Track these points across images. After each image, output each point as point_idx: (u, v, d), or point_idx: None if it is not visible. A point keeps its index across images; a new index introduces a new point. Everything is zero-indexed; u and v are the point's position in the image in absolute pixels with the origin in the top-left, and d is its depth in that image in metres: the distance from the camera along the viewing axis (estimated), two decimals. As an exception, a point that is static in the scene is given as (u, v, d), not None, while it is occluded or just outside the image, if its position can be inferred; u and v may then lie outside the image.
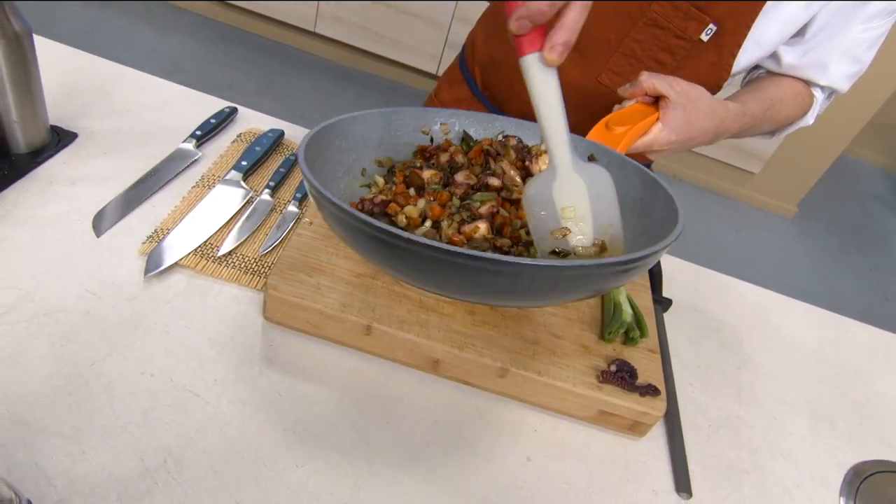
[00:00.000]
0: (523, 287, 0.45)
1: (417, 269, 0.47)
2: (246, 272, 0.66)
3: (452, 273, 0.45)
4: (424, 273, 0.48)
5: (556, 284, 0.45)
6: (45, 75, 0.83)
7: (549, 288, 0.46)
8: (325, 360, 0.62)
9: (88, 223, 0.66)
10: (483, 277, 0.44)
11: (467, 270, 0.43)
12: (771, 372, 0.80)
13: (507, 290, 0.46)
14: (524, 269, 0.42)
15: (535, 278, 0.44)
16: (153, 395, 0.54)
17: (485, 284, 0.46)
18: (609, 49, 0.75)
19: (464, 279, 0.46)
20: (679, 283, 0.88)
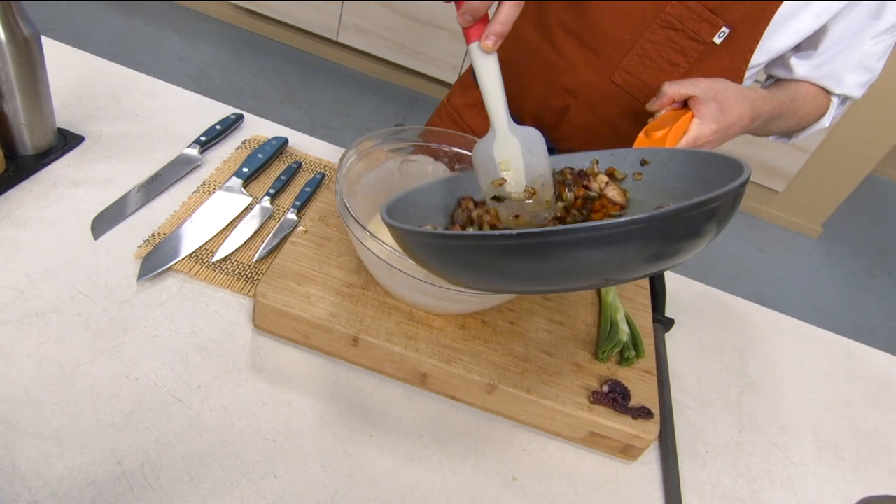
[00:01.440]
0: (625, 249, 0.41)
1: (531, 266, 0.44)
2: (239, 279, 0.67)
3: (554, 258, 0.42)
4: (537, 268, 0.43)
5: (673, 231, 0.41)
6: (58, 79, 0.85)
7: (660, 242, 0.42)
8: (312, 370, 0.61)
9: (88, 225, 0.67)
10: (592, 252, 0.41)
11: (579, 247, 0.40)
12: (775, 397, 0.78)
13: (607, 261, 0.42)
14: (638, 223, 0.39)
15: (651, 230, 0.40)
16: (136, 399, 0.54)
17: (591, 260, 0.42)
18: (623, 49, 0.75)
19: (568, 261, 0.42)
20: (683, 303, 0.86)
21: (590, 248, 0.40)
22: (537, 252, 0.40)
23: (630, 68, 0.76)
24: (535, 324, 0.67)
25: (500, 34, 0.52)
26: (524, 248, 0.40)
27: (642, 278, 0.44)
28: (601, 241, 0.39)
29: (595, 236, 0.39)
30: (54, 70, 0.86)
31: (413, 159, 0.72)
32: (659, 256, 0.42)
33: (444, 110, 0.98)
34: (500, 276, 0.45)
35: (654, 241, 0.40)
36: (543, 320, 0.68)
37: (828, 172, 2.79)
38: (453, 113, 0.96)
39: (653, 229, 0.39)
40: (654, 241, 0.40)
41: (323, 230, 0.69)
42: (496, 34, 0.52)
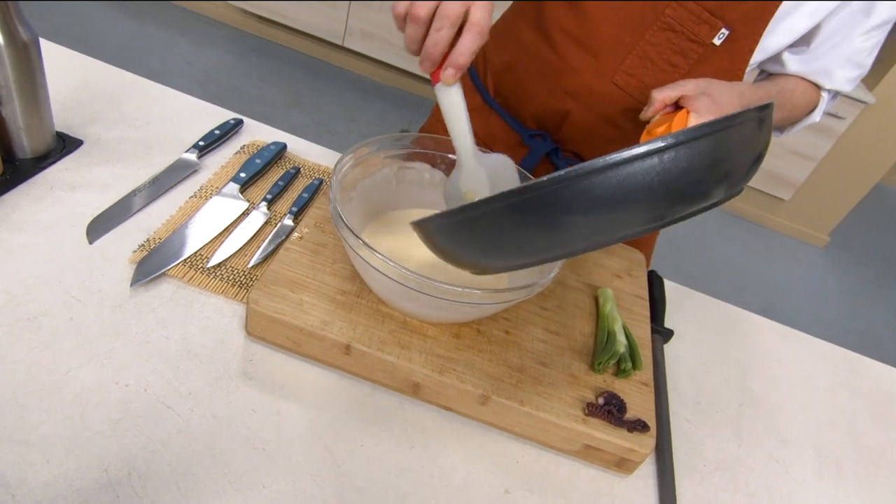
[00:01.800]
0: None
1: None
2: (233, 284, 0.66)
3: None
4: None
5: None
6: (59, 82, 0.86)
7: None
8: (304, 378, 0.61)
9: (83, 229, 0.67)
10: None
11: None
12: (776, 411, 0.76)
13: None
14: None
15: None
16: (125, 406, 0.54)
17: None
18: (623, 51, 0.76)
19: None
20: (684, 313, 0.85)
21: (628, 171, 0.39)
22: (575, 193, 0.40)
23: (631, 70, 0.76)
24: (531, 333, 0.66)
25: (459, 66, 0.53)
26: (554, 195, 0.40)
27: (674, 221, 0.42)
28: (641, 162, 0.39)
29: (638, 155, 0.39)
30: (55, 73, 0.87)
31: (410, 166, 0.72)
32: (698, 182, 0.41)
33: (439, 115, 0.98)
34: (533, 237, 0.44)
35: (693, 162, 0.39)
36: (539, 330, 0.67)
37: (835, 181, 2.77)
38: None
39: (686, 148, 0.39)
40: (693, 162, 0.39)
41: (318, 237, 0.68)
42: (455, 66, 0.53)
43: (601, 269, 0.79)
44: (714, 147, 0.40)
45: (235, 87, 2.70)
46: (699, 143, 0.39)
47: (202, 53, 2.84)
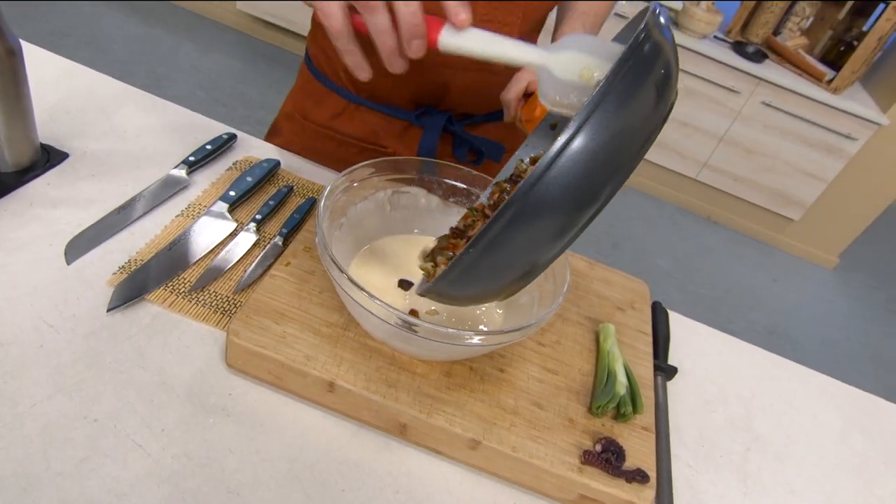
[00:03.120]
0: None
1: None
2: (216, 311, 0.63)
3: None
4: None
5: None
6: (47, 91, 0.83)
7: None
8: (285, 415, 0.57)
9: (61, 249, 0.64)
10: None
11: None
12: (784, 455, 0.73)
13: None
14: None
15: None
16: (93, 443, 0.51)
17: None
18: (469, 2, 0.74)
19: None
20: (688, 348, 0.82)
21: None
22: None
23: (487, 16, 0.76)
24: (527, 372, 0.63)
25: (463, 3, 0.48)
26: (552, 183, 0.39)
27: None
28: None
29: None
30: (44, 82, 0.84)
31: (405, 191, 0.69)
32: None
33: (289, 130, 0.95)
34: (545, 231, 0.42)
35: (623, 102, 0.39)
36: (536, 368, 0.64)
37: (846, 202, 2.72)
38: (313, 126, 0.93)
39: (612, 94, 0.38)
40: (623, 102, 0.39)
41: (306, 262, 0.65)
42: (462, 6, 0.48)
43: (603, 302, 0.75)
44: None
45: (240, 93, 2.69)
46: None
47: (208, 58, 2.83)
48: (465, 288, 0.48)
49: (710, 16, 2.54)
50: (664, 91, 0.41)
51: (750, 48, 2.57)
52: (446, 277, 0.46)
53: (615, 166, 0.41)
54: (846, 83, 2.50)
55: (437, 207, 0.70)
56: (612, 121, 0.39)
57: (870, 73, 2.66)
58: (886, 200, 2.67)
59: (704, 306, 2.48)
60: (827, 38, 2.70)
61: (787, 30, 2.70)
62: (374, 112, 0.87)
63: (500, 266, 0.45)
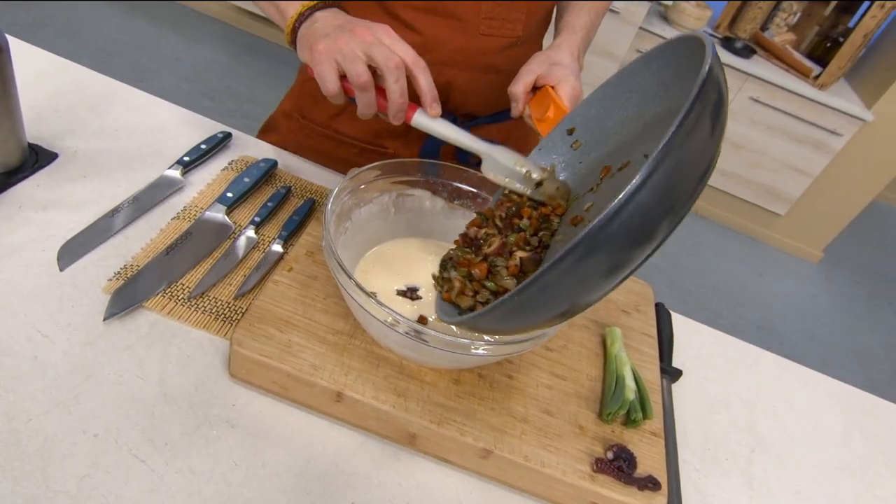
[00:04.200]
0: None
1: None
2: (216, 318, 0.61)
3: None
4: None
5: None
6: (35, 88, 0.80)
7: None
8: (292, 425, 0.56)
9: (54, 254, 0.62)
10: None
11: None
12: (787, 457, 0.73)
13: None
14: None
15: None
16: (93, 459, 0.49)
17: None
18: (477, 2, 0.76)
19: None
20: (691, 349, 0.81)
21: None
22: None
23: (490, 14, 0.76)
24: (536, 378, 0.62)
25: (435, 97, 0.59)
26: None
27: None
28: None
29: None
30: (31, 79, 0.81)
31: (410, 193, 0.67)
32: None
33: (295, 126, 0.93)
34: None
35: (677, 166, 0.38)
36: (545, 374, 0.63)
37: (831, 197, 2.75)
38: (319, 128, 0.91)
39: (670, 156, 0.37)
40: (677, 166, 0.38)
41: (309, 267, 0.63)
42: (434, 98, 0.59)
43: (608, 305, 0.75)
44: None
45: (226, 87, 2.64)
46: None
47: (193, 50, 2.77)
48: (503, 325, 0.47)
49: (700, 11, 2.54)
50: (720, 123, 0.40)
51: (738, 44, 2.58)
52: (488, 315, 0.44)
53: (675, 205, 0.39)
54: (832, 79, 2.52)
55: (442, 210, 0.69)
56: (677, 162, 0.38)
57: (854, 70, 2.68)
58: (870, 196, 2.70)
59: (693, 302, 2.49)
60: (813, 35, 2.72)
61: (775, 25, 2.72)
62: None
63: (543, 307, 0.43)
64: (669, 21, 2.61)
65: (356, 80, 0.57)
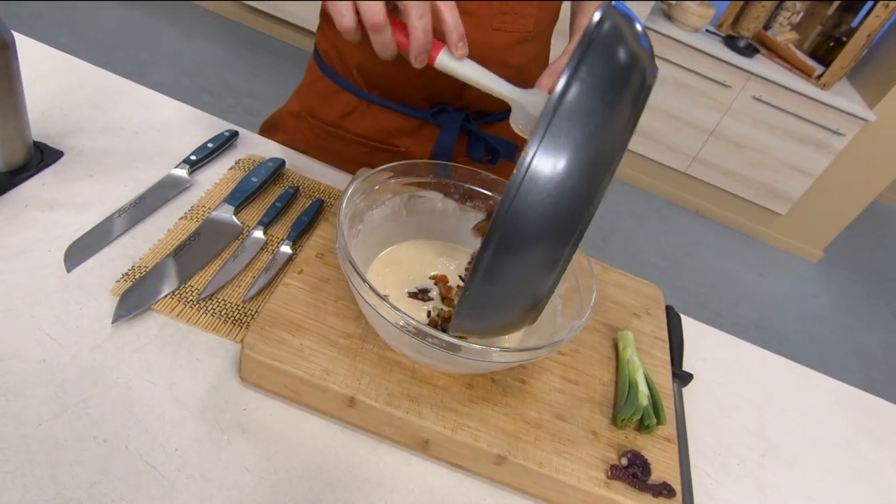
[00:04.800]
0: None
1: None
2: (226, 321, 0.61)
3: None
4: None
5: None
6: (40, 86, 0.79)
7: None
8: (304, 430, 0.55)
9: (60, 255, 0.61)
10: None
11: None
12: (798, 462, 0.72)
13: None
14: None
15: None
16: (103, 466, 0.48)
17: None
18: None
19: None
20: (700, 352, 0.81)
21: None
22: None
23: (503, 9, 0.75)
24: (549, 383, 0.61)
25: (463, 34, 0.54)
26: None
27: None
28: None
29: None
30: (36, 75, 0.80)
31: (422, 195, 0.67)
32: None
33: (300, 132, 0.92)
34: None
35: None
36: (557, 378, 0.62)
37: (832, 197, 2.76)
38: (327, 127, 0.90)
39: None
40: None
41: (319, 270, 0.63)
42: (463, 38, 0.54)
43: (619, 308, 0.74)
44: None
45: (225, 81, 2.62)
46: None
47: (192, 44, 2.75)
48: (479, 322, 0.49)
49: (703, 9, 2.54)
50: (630, 76, 0.40)
51: (741, 42, 2.57)
52: (458, 315, 0.48)
53: (594, 165, 0.40)
54: (834, 79, 2.52)
55: (454, 212, 0.68)
56: (579, 119, 0.39)
57: (857, 69, 2.68)
58: (871, 196, 2.71)
59: (693, 301, 2.49)
60: (816, 34, 2.72)
61: (778, 24, 2.71)
62: (386, 110, 0.84)
63: (501, 300, 0.46)
64: (672, 19, 2.60)
65: (369, 19, 0.52)
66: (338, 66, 0.84)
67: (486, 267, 0.43)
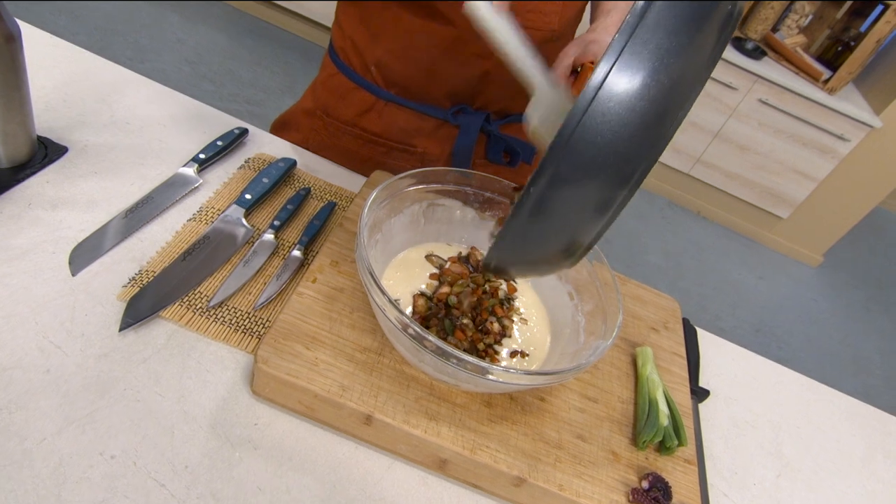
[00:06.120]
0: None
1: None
2: (237, 330, 0.58)
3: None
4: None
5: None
6: (44, 77, 0.76)
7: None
8: (317, 447, 0.53)
9: (65, 257, 0.59)
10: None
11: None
12: (814, 482, 0.71)
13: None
14: None
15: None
16: (111, 483, 0.46)
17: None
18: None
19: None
20: (714, 366, 0.79)
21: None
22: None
23: (527, 5, 0.73)
24: (568, 401, 0.60)
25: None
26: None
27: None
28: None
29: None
30: (39, 66, 0.77)
31: (440, 203, 0.64)
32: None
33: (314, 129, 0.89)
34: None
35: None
36: (576, 396, 0.61)
37: (834, 202, 2.75)
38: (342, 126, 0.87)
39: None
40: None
41: (334, 279, 0.61)
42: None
43: (637, 322, 0.73)
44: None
45: (228, 70, 2.58)
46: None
47: (194, 31, 2.70)
48: (517, 256, 0.45)
49: (711, 10, 2.51)
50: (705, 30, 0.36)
51: (749, 44, 2.55)
52: (498, 246, 0.43)
53: (671, 95, 0.35)
54: (841, 83, 2.50)
55: (473, 220, 0.66)
56: (665, 34, 0.34)
57: (863, 75, 2.66)
58: (873, 202, 2.70)
59: (693, 303, 2.48)
60: (824, 38, 2.70)
61: (786, 27, 2.69)
62: (405, 109, 0.82)
63: (542, 234, 0.41)
64: (680, 18, 2.57)
65: None
66: (355, 63, 0.82)
67: (537, 198, 0.38)
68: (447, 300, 0.59)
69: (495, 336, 0.58)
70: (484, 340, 0.58)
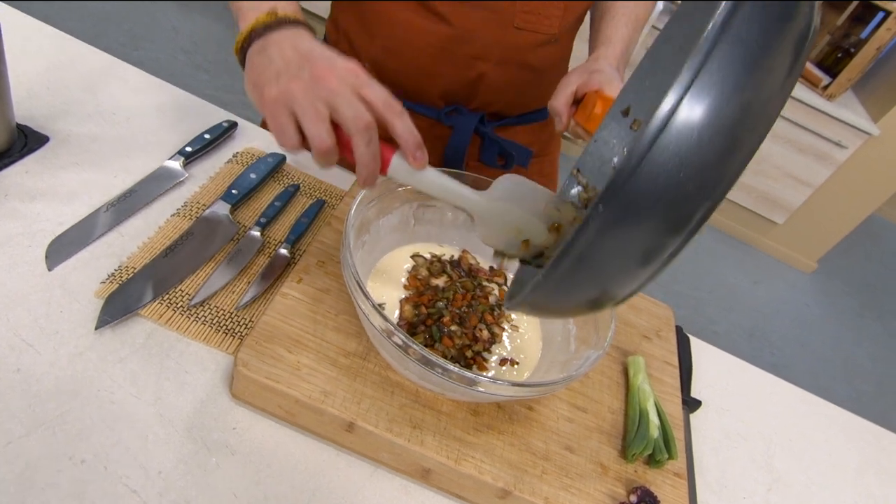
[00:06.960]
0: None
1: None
2: (218, 330, 0.57)
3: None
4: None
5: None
6: (26, 62, 0.74)
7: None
8: (294, 454, 0.52)
9: (42, 251, 0.57)
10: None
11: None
12: (804, 496, 0.70)
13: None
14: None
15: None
16: (79, 489, 0.44)
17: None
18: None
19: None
20: (709, 377, 0.78)
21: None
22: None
23: (527, 7, 0.72)
24: (556, 410, 0.58)
25: (420, 143, 0.47)
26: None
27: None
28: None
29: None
30: (23, 52, 0.75)
31: (431, 204, 0.63)
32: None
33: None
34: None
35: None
36: (565, 405, 0.59)
37: (830, 209, 2.74)
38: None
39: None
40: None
41: (320, 279, 0.59)
42: (420, 147, 0.47)
43: (629, 330, 0.71)
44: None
45: (223, 60, 2.55)
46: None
47: (190, 20, 2.67)
48: (547, 302, 0.40)
49: (713, 12, 2.50)
50: (799, 7, 0.31)
51: (749, 48, 2.54)
52: (532, 291, 0.38)
53: (740, 139, 0.31)
54: (841, 90, 2.49)
55: (464, 223, 0.65)
56: (736, 72, 0.29)
57: (862, 82, 2.66)
58: (869, 210, 2.69)
59: (689, 307, 2.48)
60: (825, 43, 2.69)
61: (786, 32, 2.68)
62: None
63: (576, 284, 0.37)
64: (681, 20, 2.56)
65: (318, 146, 0.45)
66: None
67: (586, 244, 0.33)
68: (434, 306, 0.58)
69: (484, 343, 0.57)
70: (473, 348, 0.56)
